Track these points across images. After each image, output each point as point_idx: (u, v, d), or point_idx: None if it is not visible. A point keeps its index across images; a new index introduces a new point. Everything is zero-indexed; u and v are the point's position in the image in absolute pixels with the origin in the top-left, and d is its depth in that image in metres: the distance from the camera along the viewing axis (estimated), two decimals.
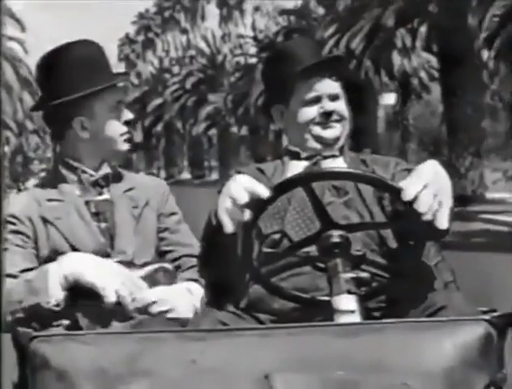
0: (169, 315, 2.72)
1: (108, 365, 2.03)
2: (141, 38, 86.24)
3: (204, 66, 66.73)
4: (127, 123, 2.94)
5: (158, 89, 72.99)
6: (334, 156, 2.81)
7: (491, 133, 30.25)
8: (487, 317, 2.04)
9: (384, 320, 2.09)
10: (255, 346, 2.02)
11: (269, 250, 2.54)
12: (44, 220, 2.83)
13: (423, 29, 25.61)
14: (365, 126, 30.05)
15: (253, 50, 50.82)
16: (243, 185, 2.28)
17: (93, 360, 2.03)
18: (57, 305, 2.66)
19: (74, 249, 2.79)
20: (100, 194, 2.91)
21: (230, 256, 2.41)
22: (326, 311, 2.31)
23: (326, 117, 2.80)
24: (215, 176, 62.82)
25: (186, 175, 69.60)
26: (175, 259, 2.96)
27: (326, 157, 2.81)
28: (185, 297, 2.78)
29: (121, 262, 2.78)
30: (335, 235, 2.35)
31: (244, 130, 55.39)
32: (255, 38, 52.37)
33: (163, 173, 72.16)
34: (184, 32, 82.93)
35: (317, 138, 2.81)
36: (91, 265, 2.68)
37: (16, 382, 2.31)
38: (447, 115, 24.25)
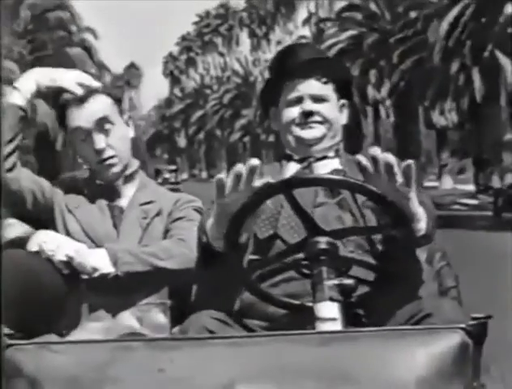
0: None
1: (78, 374, 1.69)
2: (184, 57, 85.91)
3: (238, 84, 66.49)
4: (99, 152, 2.45)
5: (199, 102, 73.01)
6: (327, 158, 2.34)
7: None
8: (462, 325, 1.63)
9: (358, 328, 1.69)
10: (225, 356, 1.64)
11: (255, 257, 2.12)
12: (68, 210, 2.48)
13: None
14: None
15: None
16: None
17: (64, 368, 1.70)
18: None
19: (88, 234, 2.45)
20: (116, 200, 2.51)
21: (222, 263, 2.01)
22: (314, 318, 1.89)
23: (305, 118, 2.32)
24: None
25: (224, 175, 69.48)
26: None
27: (319, 159, 2.33)
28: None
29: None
30: (322, 241, 1.93)
31: (271, 138, 55.32)
32: None
33: (204, 174, 72.75)
34: (221, 54, 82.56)
35: (297, 139, 2.34)
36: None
37: None
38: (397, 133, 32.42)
